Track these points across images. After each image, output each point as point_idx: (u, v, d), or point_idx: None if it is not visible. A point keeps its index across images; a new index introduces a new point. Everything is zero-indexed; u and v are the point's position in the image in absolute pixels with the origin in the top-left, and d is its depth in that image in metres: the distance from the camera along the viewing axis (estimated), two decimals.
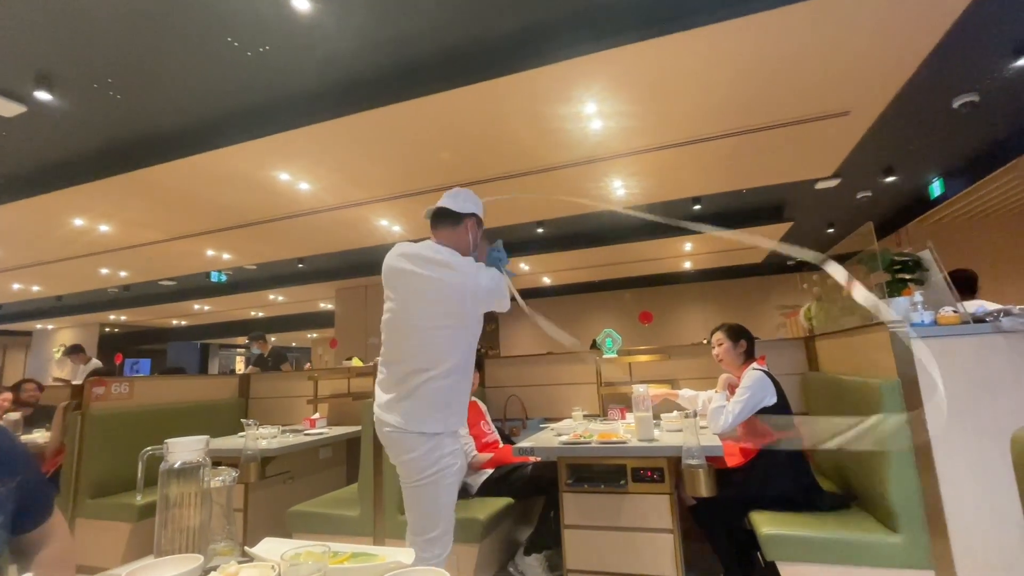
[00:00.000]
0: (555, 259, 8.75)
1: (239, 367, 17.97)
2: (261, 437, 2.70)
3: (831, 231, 8.16)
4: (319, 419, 3.20)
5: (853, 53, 3.19)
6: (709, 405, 2.27)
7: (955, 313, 1.79)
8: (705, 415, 2.31)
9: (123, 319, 13.31)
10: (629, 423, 2.53)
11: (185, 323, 14.90)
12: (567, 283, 11.24)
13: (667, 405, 2.71)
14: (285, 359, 5.59)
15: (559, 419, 3.02)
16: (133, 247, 6.70)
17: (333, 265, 8.78)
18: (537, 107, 3.74)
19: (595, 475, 2.15)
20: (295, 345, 19.51)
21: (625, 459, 2.11)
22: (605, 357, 3.12)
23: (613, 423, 2.66)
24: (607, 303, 11.64)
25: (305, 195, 5.22)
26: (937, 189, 6.19)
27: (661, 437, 2.18)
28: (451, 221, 1.71)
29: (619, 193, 5.65)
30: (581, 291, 11.64)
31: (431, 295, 1.62)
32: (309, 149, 4.25)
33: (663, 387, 2.78)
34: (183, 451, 0.96)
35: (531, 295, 11.31)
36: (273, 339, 5.89)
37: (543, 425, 2.96)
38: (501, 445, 2.77)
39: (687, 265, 10.05)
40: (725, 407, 2.16)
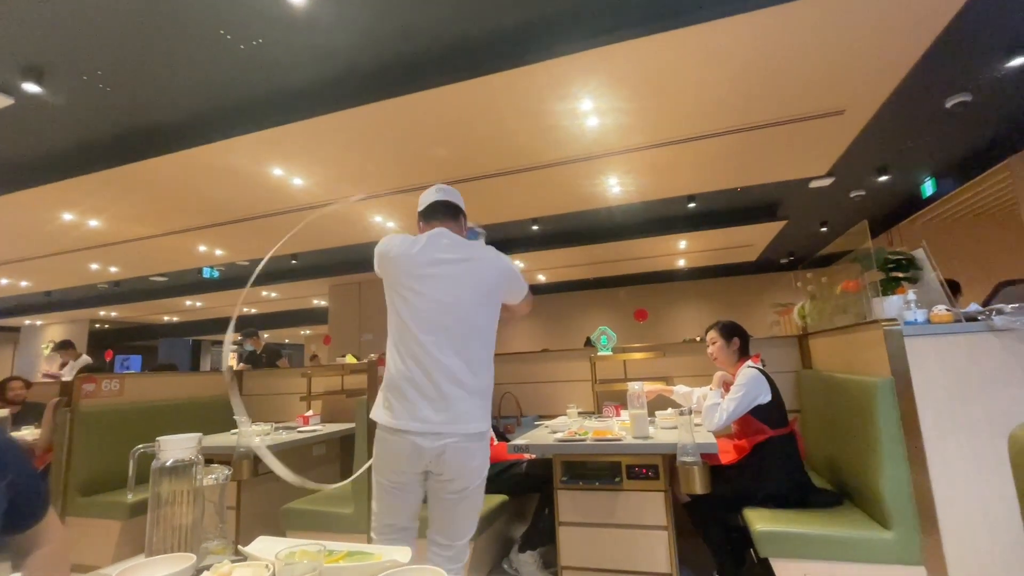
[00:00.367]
0: (550, 256, 8.75)
1: (231, 364, 17.83)
2: (254, 434, 2.68)
3: (824, 229, 8.20)
4: (312, 416, 3.19)
5: (849, 52, 3.20)
6: (704, 402, 2.28)
7: (948, 311, 1.80)
8: (700, 412, 2.32)
9: (113, 315, 13.18)
10: (624, 420, 2.53)
11: (176, 319, 14.78)
12: (562, 280, 11.24)
13: (662, 401, 2.71)
14: (280, 355, 5.55)
15: (554, 416, 3.01)
16: (124, 242, 6.62)
17: (327, 261, 8.72)
18: (533, 103, 3.72)
19: (590, 472, 2.16)
20: (288, 342, 19.41)
21: (620, 456, 2.11)
22: (600, 354, 3.12)
23: (608, 420, 2.66)
24: (602, 300, 11.66)
25: (299, 190, 5.18)
26: (929, 189, 6.24)
27: (656, 434, 2.18)
28: (452, 214, 1.70)
29: (615, 191, 5.65)
30: (576, 288, 11.66)
31: (479, 280, 1.57)
32: (303, 144, 4.21)
33: (658, 384, 2.78)
34: (175, 449, 0.94)
35: None
36: (266, 335, 5.85)
37: (538, 422, 2.96)
38: (496, 442, 2.77)
39: (681, 263, 10.08)
40: (720, 404, 2.17)
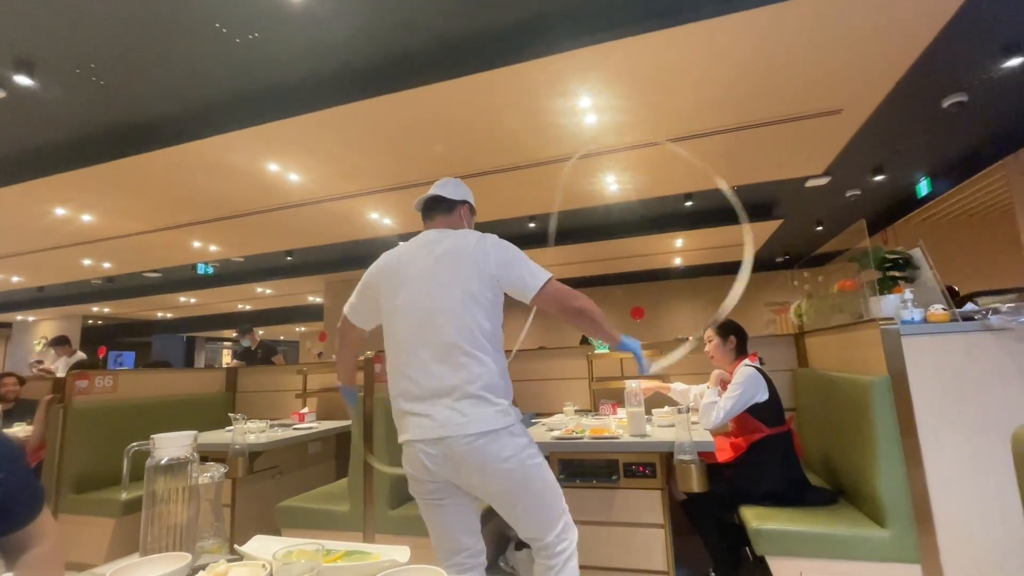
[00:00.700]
0: (547, 254, 8.70)
1: (226, 361, 17.76)
2: (249, 431, 2.67)
3: (820, 229, 8.24)
4: (308, 413, 3.17)
5: (847, 51, 3.21)
6: (701, 400, 2.28)
7: (944, 311, 1.80)
8: (696, 410, 2.32)
9: (107, 311, 13.09)
10: (621, 418, 2.53)
11: (171, 316, 14.69)
12: (559, 278, 11.20)
13: (659, 399, 2.71)
14: (275, 351, 5.51)
15: (551, 414, 3.01)
16: (117, 238, 6.57)
17: (323, 258, 8.68)
18: (531, 100, 3.71)
19: (587, 470, 2.15)
20: (283, 338, 19.35)
21: (617, 454, 2.11)
22: (597, 352, 3.11)
23: (605, 418, 2.66)
24: (599, 298, 11.37)
25: (294, 186, 5.15)
26: (924, 189, 6.27)
27: (653, 433, 2.18)
28: (444, 208, 1.67)
29: (612, 188, 5.65)
30: (573, 286, 11.53)
31: (459, 269, 1.51)
32: (299, 140, 4.18)
33: (655, 381, 2.78)
34: (170, 446, 0.93)
35: None
36: (261, 332, 5.81)
37: (535, 420, 2.96)
38: None
39: (678, 261, 10.10)
40: (717, 403, 2.17)
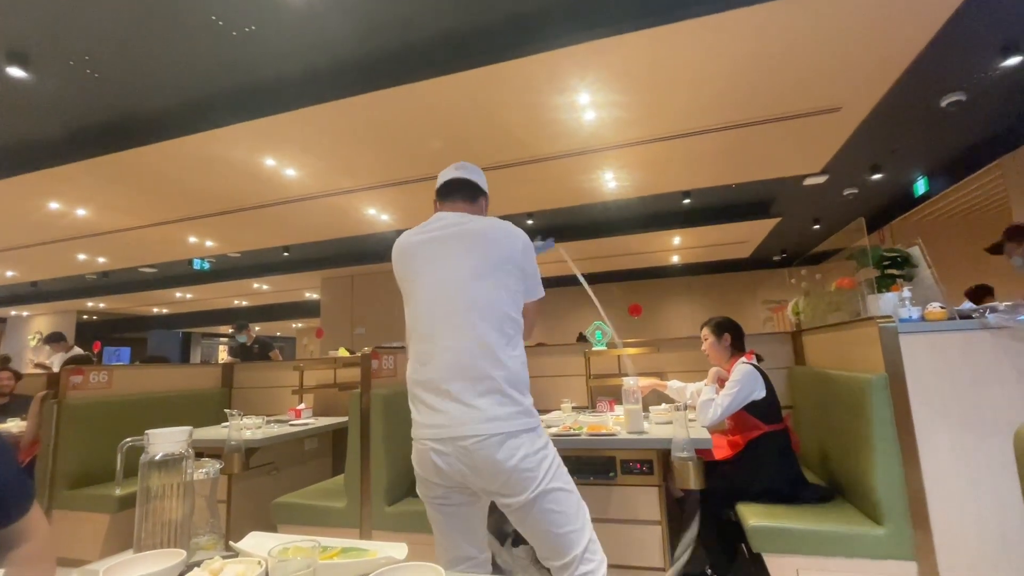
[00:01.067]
0: (547, 253, 8.71)
1: (222, 357, 17.69)
2: (245, 427, 2.65)
3: (817, 227, 8.25)
4: (304, 409, 3.16)
5: (847, 48, 3.20)
6: (698, 398, 2.28)
7: (942, 309, 1.81)
8: (694, 407, 2.32)
9: (101, 307, 13.01)
10: (618, 415, 2.53)
11: (166, 311, 14.62)
12: (557, 275, 11.21)
13: (656, 397, 2.71)
14: (272, 347, 5.50)
15: (548, 411, 3.01)
16: (112, 232, 6.52)
17: (320, 254, 8.65)
18: (530, 96, 3.69)
19: (584, 467, 2.15)
20: (280, 335, 19.28)
21: (614, 451, 2.11)
22: (594, 349, 3.11)
23: (602, 415, 2.66)
24: (597, 295, 11.65)
25: (291, 182, 5.12)
26: (921, 187, 6.29)
27: (650, 430, 2.18)
28: (468, 195, 1.47)
29: (610, 185, 5.64)
30: (571, 283, 11.62)
31: (482, 251, 1.34)
32: (296, 134, 4.15)
33: (651, 378, 2.79)
34: (165, 442, 0.92)
35: None
36: (257, 328, 5.79)
37: None
38: None
39: (676, 259, 10.10)
40: (714, 400, 2.17)
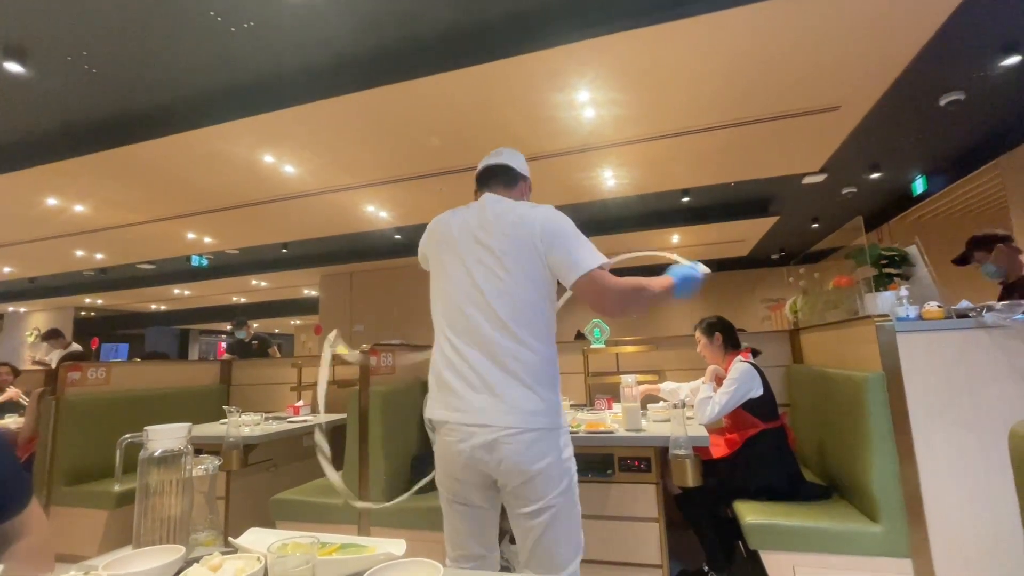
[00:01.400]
0: None
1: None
2: (244, 424, 2.66)
3: (815, 226, 8.26)
4: (303, 406, 3.16)
5: (846, 47, 3.20)
6: (696, 396, 2.29)
7: (939, 308, 1.81)
8: (691, 405, 2.33)
9: (99, 303, 12.98)
10: (616, 413, 2.54)
11: (164, 308, 14.60)
12: None
13: (651, 399, 2.73)
14: (270, 344, 5.50)
15: None
16: (110, 228, 6.50)
17: (318, 251, 8.64)
18: (529, 93, 3.69)
19: (582, 464, 2.13)
20: (278, 331, 19.27)
21: (612, 448, 2.11)
22: (593, 347, 3.12)
23: (600, 413, 2.67)
24: None
25: (290, 178, 5.11)
26: (920, 186, 6.30)
27: (648, 427, 2.19)
28: (506, 181, 1.41)
29: (610, 184, 5.64)
30: None
31: (521, 244, 1.27)
32: (295, 131, 4.14)
33: (648, 378, 2.80)
34: (164, 439, 0.92)
35: None
36: (255, 325, 5.79)
37: None
38: None
39: (674, 257, 10.11)
40: (712, 398, 2.17)
